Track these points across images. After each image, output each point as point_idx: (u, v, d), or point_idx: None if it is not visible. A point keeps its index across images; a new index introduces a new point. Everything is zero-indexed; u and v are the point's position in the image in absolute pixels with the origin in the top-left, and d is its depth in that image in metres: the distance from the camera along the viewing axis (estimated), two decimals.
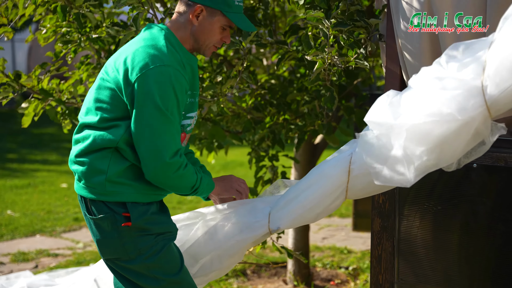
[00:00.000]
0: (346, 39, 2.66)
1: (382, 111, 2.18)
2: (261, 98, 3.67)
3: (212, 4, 2.33)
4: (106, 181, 2.31)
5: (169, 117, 2.25)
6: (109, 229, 2.34)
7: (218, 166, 8.99)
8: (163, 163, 2.26)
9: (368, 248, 5.34)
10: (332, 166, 2.37)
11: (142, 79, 2.23)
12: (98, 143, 2.31)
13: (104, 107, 2.32)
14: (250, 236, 2.50)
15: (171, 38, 2.35)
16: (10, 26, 3.14)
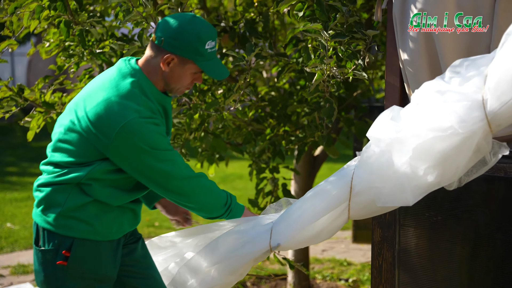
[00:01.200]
0: (344, 50, 2.69)
1: (384, 126, 2.19)
2: (262, 110, 3.70)
3: (183, 54, 2.27)
4: (60, 214, 2.29)
5: (164, 152, 2.27)
6: (47, 263, 2.32)
7: (218, 178, 8.99)
8: (186, 179, 2.32)
9: (368, 260, 5.35)
10: (333, 181, 2.36)
11: (122, 135, 2.21)
12: (60, 179, 2.30)
13: (74, 151, 2.29)
14: (251, 252, 2.47)
15: (143, 83, 2.30)
16: (14, 39, 3.17)
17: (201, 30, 2.28)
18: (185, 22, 2.27)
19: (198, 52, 2.27)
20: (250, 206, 3.69)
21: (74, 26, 3.06)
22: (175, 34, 2.26)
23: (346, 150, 9.55)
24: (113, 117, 2.21)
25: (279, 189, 3.70)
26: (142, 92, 2.29)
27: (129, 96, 2.25)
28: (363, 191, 2.28)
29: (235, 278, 2.53)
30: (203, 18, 2.34)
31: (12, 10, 2.93)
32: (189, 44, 2.26)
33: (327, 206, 2.34)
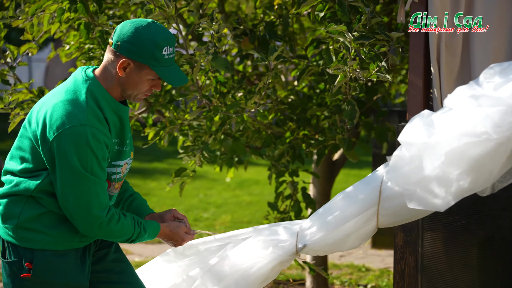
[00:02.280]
0: (367, 52, 2.66)
1: (416, 130, 2.16)
2: (281, 114, 3.68)
3: (139, 59, 2.24)
4: (17, 226, 2.28)
5: (89, 177, 2.21)
6: (13, 275, 2.30)
7: (234, 184, 8.99)
8: (92, 222, 2.24)
9: (387, 266, 5.30)
10: (363, 185, 2.34)
11: (59, 139, 2.19)
12: (14, 190, 2.29)
13: (26, 157, 2.29)
14: (277, 255, 2.44)
15: (95, 90, 2.27)
16: (34, 42, 3.18)
17: (158, 36, 2.25)
18: (142, 27, 2.24)
19: (154, 58, 2.24)
20: (269, 210, 3.66)
21: (94, 28, 3.06)
22: (131, 39, 2.23)
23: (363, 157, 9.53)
24: (55, 122, 2.20)
25: (298, 192, 3.68)
26: (94, 100, 2.26)
27: (76, 103, 2.22)
28: (392, 195, 2.25)
29: (260, 284, 2.50)
30: (161, 24, 2.31)
31: (33, 11, 2.94)
32: (145, 49, 2.23)
33: (355, 209, 2.32)
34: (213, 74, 3.34)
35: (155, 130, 3.36)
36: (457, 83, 2.57)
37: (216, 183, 9.10)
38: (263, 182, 9.03)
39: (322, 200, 4.27)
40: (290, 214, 3.62)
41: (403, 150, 2.20)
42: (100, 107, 2.26)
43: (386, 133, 3.77)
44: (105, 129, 2.26)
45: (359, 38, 2.58)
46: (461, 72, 2.59)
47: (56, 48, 3.78)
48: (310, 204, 3.64)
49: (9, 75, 3.12)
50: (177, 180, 3.36)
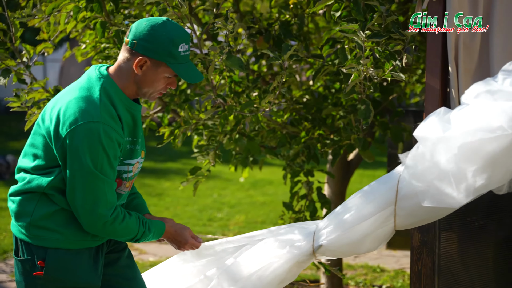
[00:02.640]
0: (382, 51, 2.65)
1: (431, 126, 2.15)
2: (296, 113, 3.67)
3: (156, 57, 2.25)
4: (30, 224, 2.29)
5: (98, 175, 2.22)
6: (26, 273, 2.31)
7: (248, 184, 8.98)
8: (96, 220, 2.24)
9: (402, 267, 5.27)
10: (379, 184, 2.33)
11: (71, 135, 2.20)
12: (27, 187, 2.30)
13: (39, 154, 2.30)
14: (293, 255, 2.43)
15: (109, 88, 2.28)
16: (50, 42, 3.19)
17: (174, 33, 2.26)
18: (157, 25, 2.26)
19: (171, 55, 2.25)
20: (284, 210, 3.65)
21: (110, 27, 3.07)
22: (147, 37, 2.24)
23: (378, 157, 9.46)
24: (68, 118, 2.21)
25: (313, 192, 3.66)
26: (108, 97, 2.27)
27: (90, 100, 2.24)
28: (408, 194, 2.23)
29: (277, 285, 2.48)
30: (176, 22, 2.32)
31: (49, 10, 2.95)
32: (162, 46, 2.24)
33: (372, 209, 2.30)
34: (227, 73, 3.33)
35: (170, 130, 3.36)
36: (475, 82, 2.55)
37: (230, 183, 9.10)
38: (277, 182, 9.02)
39: (337, 200, 4.26)
40: (305, 214, 3.61)
41: (419, 147, 2.19)
42: (113, 104, 2.27)
43: (402, 133, 3.74)
44: (118, 127, 2.27)
45: (372, 36, 2.56)
46: (479, 71, 2.57)
47: (71, 47, 3.79)
48: (325, 204, 3.62)
49: (25, 74, 3.13)
50: (191, 179, 3.36)
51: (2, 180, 9.04)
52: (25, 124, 3.17)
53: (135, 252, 5.57)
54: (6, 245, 5.75)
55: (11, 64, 3.04)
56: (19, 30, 3.00)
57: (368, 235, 2.34)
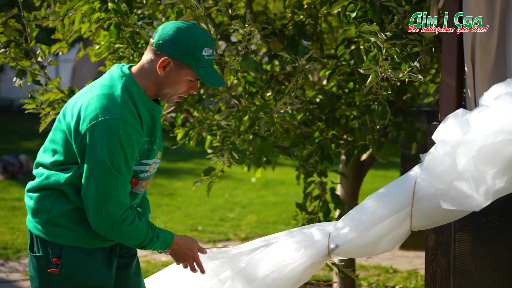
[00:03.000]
0: (400, 52, 2.64)
1: (450, 128, 2.13)
2: (310, 113, 3.66)
3: (180, 58, 2.26)
4: (47, 221, 2.30)
5: (113, 172, 2.22)
6: (40, 270, 2.33)
7: (259, 184, 8.98)
8: (105, 218, 2.23)
9: (415, 267, 5.25)
10: (396, 185, 2.31)
11: (91, 131, 2.21)
12: (45, 183, 2.32)
13: (58, 150, 2.31)
14: (308, 256, 2.42)
15: (130, 87, 2.29)
16: (64, 42, 3.20)
17: (199, 36, 2.28)
18: (183, 28, 2.28)
19: (195, 57, 2.26)
20: (298, 210, 3.64)
21: (124, 28, 3.08)
22: (173, 38, 2.26)
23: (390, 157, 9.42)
24: (89, 114, 2.22)
25: (327, 193, 3.65)
26: (129, 96, 2.28)
27: (111, 97, 2.25)
28: (426, 196, 2.22)
29: (291, 286, 2.47)
30: (201, 27, 2.34)
31: (64, 12, 2.96)
32: (187, 48, 2.25)
33: (388, 210, 2.29)
34: (242, 74, 3.33)
35: (184, 131, 3.36)
36: (491, 82, 2.53)
37: (241, 183, 9.10)
38: (289, 182, 9.01)
39: (350, 201, 4.25)
40: (319, 215, 3.60)
41: (438, 149, 2.17)
42: (134, 103, 2.28)
43: (416, 133, 3.72)
44: (138, 125, 2.27)
45: (392, 38, 2.55)
46: (495, 71, 2.55)
47: (85, 47, 3.80)
48: (339, 205, 3.61)
49: (40, 75, 3.14)
50: (205, 180, 3.36)
51: (15, 179, 9.09)
52: (39, 124, 3.18)
53: (147, 252, 5.58)
54: (19, 244, 5.78)
55: (27, 65, 3.05)
56: (34, 31, 3.02)
57: (384, 236, 2.33)
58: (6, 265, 5.26)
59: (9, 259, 5.40)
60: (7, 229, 6.34)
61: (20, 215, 7.00)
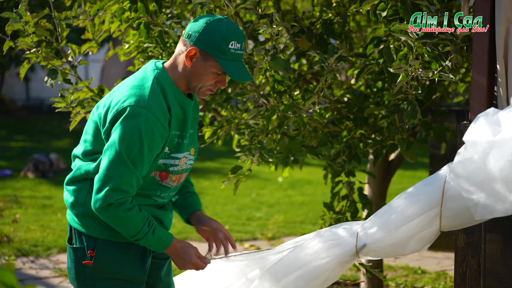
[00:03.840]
0: (431, 51, 2.61)
1: (481, 129, 2.10)
2: (338, 113, 3.64)
3: (206, 49, 2.28)
4: (83, 213, 2.35)
5: (124, 158, 2.22)
6: (77, 261, 2.37)
7: (286, 184, 8.97)
8: (99, 196, 2.23)
9: (443, 268, 5.20)
10: (425, 185, 2.29)
11: (116, 117, 2.25)
12: (77, 174, 2.37)
13: (89, 140, 2.36)
14: (336, 255, 2.41)
15: (162, 79, 2.31)
16: (94, 41, 3.23)
17: (227, 30, 2.29)
18: (213, 20, 2.31)
19: (220, 49, 2.28)
20: (325, 210, 3.63)
21: (153, 27, 3.09)
22: (201, 29, 2.29)
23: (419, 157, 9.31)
24: (117, 102, 2.26)
25: (355, 193, 3.63)
26: (160, 88, 2.31)
27: (141, 88, 2.28)
28: (456, 196, 2.19)
29: (319, 285, 2.46)
30: (233, 22, 2.35)
31: (94, 11, 2.99)
32: (213, 40, 2.27)
33: (417, 209, 2.26)
34: (270, 73, 3.33)
35: (212, 129, 3.37)
36: None
37: (268, 182, 9.10)
38: (316, 182, 8.99)
39: (378, 201, 4.22)
40: (347, 215, 3.58)
41: (468, 149, 2.15)
42: (165, 96, 2.31)
43: (445, 133, 3.69)
44: (164, 118, 2.28)
45: (423, 37, 2.53)
46: None
47: (114, 47, 3.83)
48: (367, 205, 3.59)
49: (70, 74, 3.18)
50: (232, 178, 3.37)
51: (46, 178, 9.20)
52: (69, 123, 3.22)
53: None
54: (49, 241, 5.86)
55: (57, 64, 3.09)
56: (65, 30, 3.05)
57: (413, 236, 2.31)
58: (37, 262, 5.34)
59: (39, 256, 5.48)
60: (38, 227, 6.42)
61: (50, 213, 7.09)
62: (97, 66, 16.91)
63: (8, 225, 6.29)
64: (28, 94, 18.65)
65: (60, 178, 9.17)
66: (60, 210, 7.21)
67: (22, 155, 11.07)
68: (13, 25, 2.88)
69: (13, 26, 2.89)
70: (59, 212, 7.14)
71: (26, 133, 14.23)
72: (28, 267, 5.19)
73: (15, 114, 16.97)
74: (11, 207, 7.24)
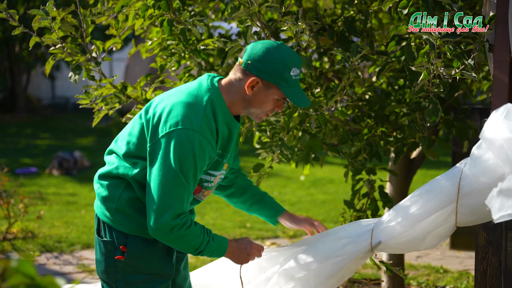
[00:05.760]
0: (453, 49, 2.60)
1: (497, 125, 2.09)
2: (359, 110, 3.64)
3: (268, 78, 2.30)
4: (116, 209, 2.38)
5: (182, 180, 2.26)
6: (107, 254, 2.40)
7: (308, 182, 8.97)
8: (162, 222, 2.26)
9: (466, 268, 5.17)
10: (441, 181, 2.28)
11: (168, 136, 2.26)
12: (114, 172, 2.39)
13: (132, 142, 2.38)
14: (351, 253, 2.41)
15: (215, 101, 2.33)
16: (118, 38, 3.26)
17: (288, 57, 2.31)
18: (272, 48, 2.31)
19: (283, 78, 2.30)
20: (346, 208, 3.63)
21: (176, 24, 3.12)
22: (262, 58, 2.30)
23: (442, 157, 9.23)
24: (170, 119, 2.28)
25: (375, 191, 3.63)
26: (212, 110, 2.32)
27: (195, 108, 2.30)
28: (472, 192, 2.18)
29: (335, 282, 2.47)
30: (289, 47, 2.37)
31: (118, 8, 3.03)
32: (275, 69, 2.29)
33: (433, 206, 2.26)
34: None
35: None
36: None
37: (290, 181, 9.10)
38: (338, 181, 8.98)
39: (399, 199, 4.19)
40: (367, 213, 3.58)
41: (483, 145, 2.14)
42: (215, 117, 2.33)
43: (468, 131, 3.67)
44: (213, 140, 2.33)
45: (446, 35, 2.52)
46: None
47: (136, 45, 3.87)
48: (388, 203, 3.59)
49: (94, 71, 3.22)
50: (254, 176, 3.39)
51: (70, 175, 9.31)
52: (92, 120, 3.26)
53: None
54: (73, 238, 5.93)
55: (82, 60, 3.13)
56: (90, 26, 3.09)
57: (429, 232, 2.30)
58: (60, 258, 5.41)
59: (63, 252, 5.55)
60: (62, 223, 6.51)
61: (74, 210, 7.17)
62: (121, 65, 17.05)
63: (33, 222, 6.38)
64: (54, 92, 18.88)
65: (84, 176, 9.26)
66: (84, 207, 7.30)
67: (47, 153, 11.21)
68: (40, 22, 2.93)
69: (40, 23, 2.93)
70: (83, 209, 7.23)
71: (51, 131, 14.40)
72: (52, 262, 5.27)
73: (40, 113, 17.19)
74: (36, 203, 7.34)
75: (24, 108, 16.67)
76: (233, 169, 2.70)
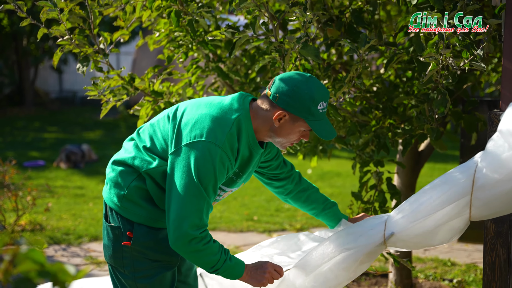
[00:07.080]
0: (462, 40, 2.59)
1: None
2: (367, 102, 3.63)
3: (295, 112, 2.33)
4: (123, 196, 2.41)
5: (202, 192, 2.28)
6: (115, 239, 2.44)
7: (315, 176, 8.96)
8: (182, 232, 2.27)
9: (474, 261, 5.16)
10: (455, 173, 2.26)
11: (191, 146, 2.29)
12: (129, 162, 2.42)
13: (155, 141, 2.41)
14: (364, 245, 2.40)
15: (242, 122, 2.35)
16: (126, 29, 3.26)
17: (316, 91, 2.33)
18: (300, 82, 2.33)
19: (310, 112, 2.32)
20: (353, 199, 3.62)
21: (183, 16, 3.12)
22: (290, 93, 2.32)
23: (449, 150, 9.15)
24: (196, 130, 2.30)
25: (383, 183, 3.62)
26: (237, 130, 2.35)
27: (221, 124, 2.32)
28: (486, 185, 2.16)
29: (348, 276, 2.46)
30: (318, 79, 2.38)
31: (126, 0, 3.02)
32: (303, 103, 2.31)
33: (447, 198, 2.24)
34: (300, 62, 3.33)
35: None
36: None
37: None
38: (345, 174, 8.96)
39: (407, 192, 4.20)
40: (375, 205, 3.57)
41: (500, 137, 2.12)
42: (239, 138, 2.36)
43: (476, 123, 3.65)
44: (232, 158, 2.35)
45: (455, 25, 2.50)
46: None
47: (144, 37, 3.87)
48: (395, 195, 3.58)
49: (102, 62, 3.22)
50: None
51: (77, 168, 9.33)
52: (99, 114, 3.26)
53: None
54: (81, 230, 5.95)
55: (89, 52, 3.13)
56: (97, 18, 3.09)
57: (442, 225, 2.29)
58: (68, 250, 5.43)
59: (71, 244, 5.57)
60: (69, 216, 6.53)
61: (82, 202, 7.19)
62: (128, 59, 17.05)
63: (41, 214, 6.41)
64: (61, 86, 18.91)
65: (91, 169, 9.29)
66: (91, 200, 7.32)
67: (55, 146, 11.25)
68: (48, 13, 2.93)
69: (48, 14, 2.93)
70: (91, 201, 7.25)
71: (59, 124, 14.44)
72: (60, 254, 5.29)
73: (48, 106, 17.23)
74: (44, 196, 7.37)
75: (32, 102, 16.72)
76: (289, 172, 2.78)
